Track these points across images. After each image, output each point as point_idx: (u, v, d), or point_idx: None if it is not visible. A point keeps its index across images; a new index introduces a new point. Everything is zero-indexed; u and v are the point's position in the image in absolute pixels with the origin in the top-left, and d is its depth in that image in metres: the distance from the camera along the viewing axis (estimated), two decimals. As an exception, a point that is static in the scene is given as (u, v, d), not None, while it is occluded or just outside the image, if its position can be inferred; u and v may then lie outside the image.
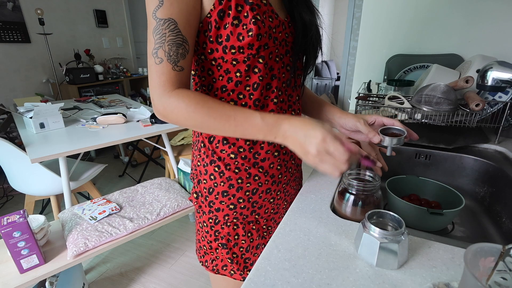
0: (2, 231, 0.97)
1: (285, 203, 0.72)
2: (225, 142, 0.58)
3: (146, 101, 3.58)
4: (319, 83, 4.51)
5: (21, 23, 2.78)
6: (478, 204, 0.84)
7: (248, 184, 0.61)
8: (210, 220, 0.65)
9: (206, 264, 0.71)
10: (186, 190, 1.62)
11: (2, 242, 1.19)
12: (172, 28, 0.46)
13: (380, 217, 0.47)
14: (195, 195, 0.66)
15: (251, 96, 0.56)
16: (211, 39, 0.51)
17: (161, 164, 2.91)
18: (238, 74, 0.53)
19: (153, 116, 1.76)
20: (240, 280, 0.68)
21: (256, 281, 0.41)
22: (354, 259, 0.45)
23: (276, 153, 0.61)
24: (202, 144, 0.61)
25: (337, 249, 0.47)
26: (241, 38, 0.49)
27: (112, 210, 1.35)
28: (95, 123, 1.74)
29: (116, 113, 1.75)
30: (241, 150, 0.59)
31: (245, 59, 0.52)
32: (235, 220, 0.64)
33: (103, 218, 1.30)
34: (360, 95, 1.07)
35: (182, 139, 2.19)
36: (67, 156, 1.69)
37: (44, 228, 1.16)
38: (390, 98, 0.99)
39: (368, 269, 0.43)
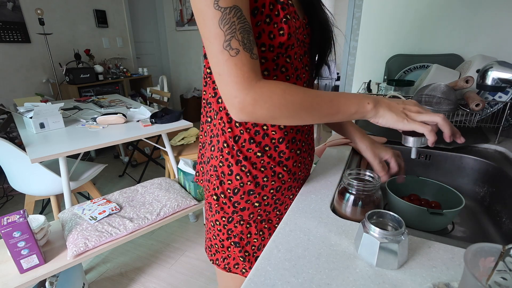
0: (2, 231, 0.97)
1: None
2: (251, 141, 0.58)
3: (146, 101, 3.58)
4: (319, 83, 4.51)
5: (21, 23, 2.78)
6: (478, 204, 0.84)
7: (273, 182, 0.62)
8: (224, 219, 0.65)
9: (217, 262, 0.71)
10: (186, 190, 1.62)
11: (2, 242, 1.19)
12: (239, 15, 0.43)
13: (380, 217, 0.47)
14: (214, 197, 0.64)
15: None
16: None
17: (161, 164, 2.91)
18: (266, 72, 0.53)
19: (153, 116, 1.76)
20: None
21: (256, 281, 0.41)
22: (354, 259, 0.45)
23: (298, 151, 0.63)
24: (224, 145, 0.60)
25: (337, 249, 0.47)
26: (272, 36, 0.49)
27: (112, 210, 1.35)
28: (95, 123, 1.74)
29: (116, 113, 1.75)
30: (267, 148, 0.59)
31: (274, 57, 0.52)
32: (255, 218, 0.64)
33: (103, 218, 1.30)
34: (360, 95, 1.07)
35: (182, 139, 2.19)
36: (67, 156, 1.69)
37: (44, 228, 1.16)
38: (390, 98, 0.99)
39: (368, 269, 0.43)
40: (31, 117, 1.56)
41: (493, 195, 0.80)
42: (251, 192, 0.61)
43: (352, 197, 0.56)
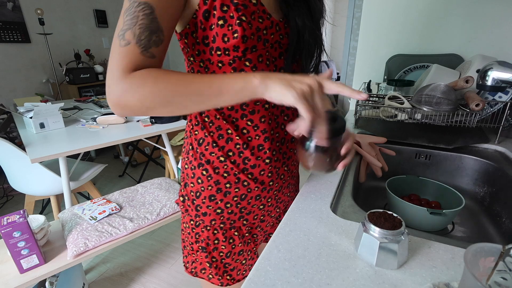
0: (2, 231, 0.97)
1: (278, 210, 0.70)
2: (214, 145, 0.57)
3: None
4: (319, 83, 4.51)
5: (21, 23, 2.78)
6: (478, 204, 0.84)
7: (237, 190, 0.59)
8: (192, 222, 0.64)
9: (188, 265, 0.70)
10: (186, 190, 1.62)
11: (2, 242, 1.19)
12: (148, 13, 0.42)
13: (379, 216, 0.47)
14: (181, 198, 0.65)
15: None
16: (197, 41, 0.50)
17: (161, 164, 2.91)
18: None
19: (153, 116, 1.76)
20: (218, 285, 0.67)
21: (256, 281, 0.41)
22: (354, 259, 0.45)
23: (267, 160, 0.59)
24: (190, 147, 0.60)
25: (337, 249, 0.47)
26: (226, 39, 0.48)
27: (112, 210, 1.35)
28: (95, 123, 1.74)
29: (116, 113, 1.75)
30: (230, 154, 0.57)
31: (231, 61, 0.50)
32: (220, 225, 0.62)
33: (103, 218, 1.30)
34: (360, 95, 1.07)
35: (182, 139, 2.19)
36: (67, 156, 1.69)
37: (44, 228, 1.16)
38: (390, 98, 0.99)
39: (368, 269, 0.43)
40: (31, 117, 1.56)
41: (493, 195, 0.80)
42: (212, 198, 0.60)
43: (313, 145, 0.47)
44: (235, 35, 0.47)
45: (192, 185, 0.61)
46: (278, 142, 0.60)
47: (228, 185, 0.59)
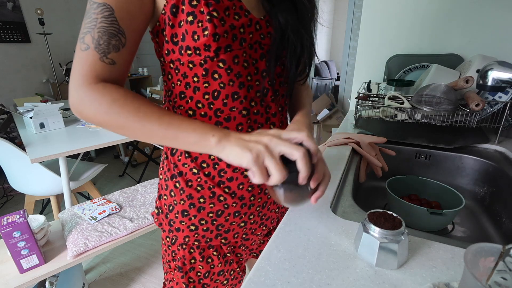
0: (2, 231, 0.97)
1: (264, 227, 0.64)
2: (187, 155, 0.52)
3: (146, 101, 3.58)
4: (319, 83, 4.51)
5: (21, 23, 2.78)
6: (478, 204, 0.84)
7: (212, 205, 0.54)
8: (168, 239, 0.60)
9: (165, 282, 0.66)
10: (186, 190, 1.62)
11: (2, 242, 1.19)
12: (107, 15, 0.39)
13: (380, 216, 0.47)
14: (156, 211, 0.61)
15: (211, 106, 0.49)
16: (166, 39, 0.46)
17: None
18: (195, 79, 0.47)
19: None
20: None
21: (256, 281, 0.41)
22: (354, 259, 0.45)
23: (246, 173, 0.53)
24: (165, 156, 0.56)
25: (337, 249, 0.47)
26: (196, 37, 0.43)
27: (112, 210, 1.35)
28: (90, 120, 1.74)
29: (116, 113, 1.75)
30: (204, 165, 0.52)
31: (202, 61, 0.46)
32: (194, 243, 0.57)
33: (103, 218, 1.30)
34: (360, 95, 1.07)
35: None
36: (67, 156, 1.69)
37: (44, 228, 1.16)
38: (390, 98, 0.99)
39: (368, 269, 0.43)
40: (31, 117, 1.56)
41: (493, 195, 0.80)
42: (185, 213, 0.54)
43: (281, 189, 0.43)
44: (205, 32, 0.42)
45: (165, 197, 0.57)
46: None
47: (202, 200, 0.54)
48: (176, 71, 0.48)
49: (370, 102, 1.07)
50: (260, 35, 0.49)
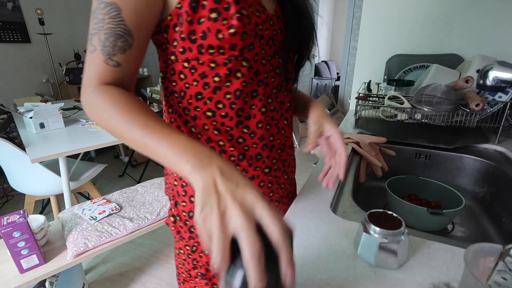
0: (2, 231, 0.97)
1: None
2: None
3: (146, 101, 3.58)
4: (319, 83, 4.51)
5: (21, 23, 2.78)
6: (478, 204, 0.84)
7: None
8: (187, 247, 0.58)
9: None
10: (186, 190, 1.62)
11: (2, 242, 1.19)
12: (114, 15, 0.38)
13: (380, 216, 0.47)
14: (172, 219, 0.58)
15: (233, 106, 0.47)
16: (182, 36, 0.42)
17: (161, 164, 2.91)
18: (216, 78, 0.45)
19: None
20: None
21: (256, 281, 0.41)
22: (354, 259, 0.45)
23: (266, 170, 0.54)
24: None
25: (337, 249, 0.47)
26: (220, 36, 0.41)
27: (112, 210, 1.35)
28: (95, 123, 1.74)
29: (116, 113, 1.75)
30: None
31: (226, 61, 0.44)
32: None
33: (103, 218, 1.30)
34: (360, 95, 1.07)
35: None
36: (67, 156, 1.69)
37: (44, 228, 1.16)
38: (390, 98, 0.99)
39: (368, 269, 0.43)
40: (31, 117, 1.56)
41: (493, 195, 0.80)
42: None
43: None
44: (231, 30, 0.40)
45: (184, 204, 0.54)
46: (279, 149, 0.56)
47: None
48: (192, 71, 0.45)
49: (370, 102, 1.07)
50: (273, 31, 0.48)
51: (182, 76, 0.46)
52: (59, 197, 1.73)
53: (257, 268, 0.25)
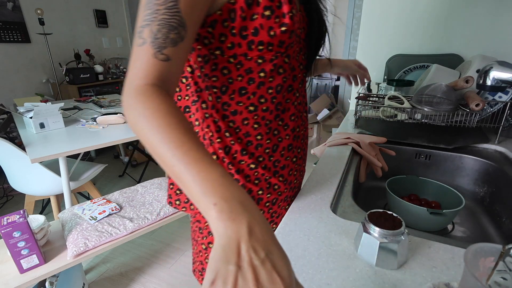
0: (2, 231, 0.97)
1: None
2: (244, 152, 0.52)
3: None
4: (319, 83, 4.51)
5: (21, 23, 2.78)
6: (478, 204, 0.84)
7: (269, 195, 0.56)
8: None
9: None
10: (186, 190, 1.62)
11: (2, 242, 1.19)
12: (170, 6, 0.35)
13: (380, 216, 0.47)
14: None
15: (273, 100, 0.50)
16: (233, 31, 0.42)
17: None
18: (262, 74, 0.47)
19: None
20: None
21: (256, 281, 0.41)
22: (354, 259, 0.45)
23: (294, 159, 0.59)
24: (213, 157, 0.50)
25: (337, 249, 0.47)
26: (272, 33, 0.42)
27: (112, 210, 1.35)
28: (95, 123, 1.74)
29: (116, 113, 1.75)
30: (261, 159, 0.54)
31: (273, 57, 0.45)
32: None
33: (103, 218, 1.30)
34: (360, 95, 1.07)
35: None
36: (67, 156, 1.69)
37: (44, 228, 1.16)
38: (390, 98, 0.99)
39: (368, 269, 0.43)
40: (31, 117, 1.56)
41: (493, 195, 0.80)
42: None
43: None
44: (283, 28, 0.42)
45: None
46: (302, 140, 0.61)
47: (260, 192, 0.55)
48: (238, 66, 0.45)
49: (370, 102, 1.07)
50: (300, 29, 0.51)
51: (225, 71, 0.46)
52: (59, 197, 1.73)
53: None
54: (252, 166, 0.53)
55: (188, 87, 0.51)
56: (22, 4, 2.77)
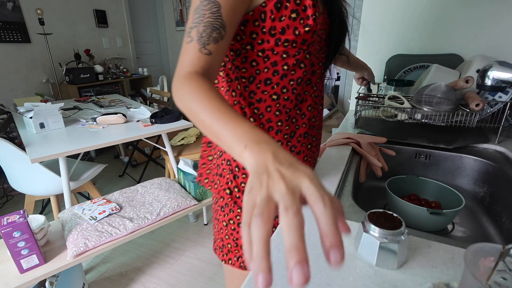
0: (2, 231, 0.97)
1: None
2: None
3: (146, 101, 3.58)
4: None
5: (21, 23, 2.78)
6: (478, 204, 0.84)
7: None
8: (238, 217, 0.65)
9: (230, 262, 0.71)
10: (186, 190, 1.62)
11: (2, 242, 1.19)
12: (214, 11, 0.44)
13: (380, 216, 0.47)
14: (228, 191, 0.64)
15: (294, 91, 0.57)
16: (263, 30, 0.50)
17: (161, 164, 2.91)
18: (285, 67, 0.54)
19: (153, 116, 1.76)
20: None
21: (256, 281, 0.41)
22: (354, 259, 0.45)
23: (309, 146, 0.65)
24: None
25: (337, 249, 0.47)
26: (297, 32, 0.49)
27: (112, 210, 1.35)
28: (95, 123, 1.74)
29: (116, 113, 1.75)
30: (280, 144, 0.59)
31: (296, 53, 0.53)
32: None
33: (103, 218, 1.30)
34: (360, 95, 1.07)
35: (182, 139, 2.19)
36: (67, 156, 1.69)
37: (44, 228, 1.16)
38: (390, 98, 0.99)
39: (368, 269, 0.43)
40: (31, 117, 1.56)
41: (493, 195, 0.80)
42: None
43: None
44: (307, 29, 0.49)
45: (243, 176, 0.62)
46: (317, 130, 0.66)
47: None
48: (265, 59, 0.53)
49: (370, 102, 1.07)
50: (321, 30, 0.56)
51: (254, 63, 0.54)
52: (59, 197, 1.73)
53: (295, 238, 0.24)
54: None
55: (222, 78, 0.59)
56: (22, 4, 2.77)
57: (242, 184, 0.62)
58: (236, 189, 0.64)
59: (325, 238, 0.25)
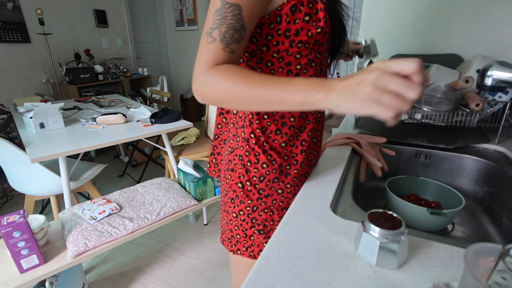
0: (2, 231, 0.97)
1: None
2: (278, 132, 0.63)
3: (146, 101, 3.58)
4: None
5: (21, 23, 2.78)
6: (478, 204, 0.84)
7: (296, 171, 0.66)
8: (248, 208, 0.69)
9: (239, 252, 0.74)
10: (186, 190, 1.62)
11: (2, 242, 1.19)
12: (236, 13, 0.46)
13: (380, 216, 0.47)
14: (240, 185, 0.67)
15: None
16: (279, 32, 0.53)
17: (161, 164, 2.91)
18: (298, 66, 0.57)
19: (153, 116, 1.76)
20: None
21: (256, 281, 0.41)
22: (354, 259, 0.45)
23: (315, 140, 0.68)
24: (251, 135, 0.64)
25: (337, 249, 0.47)
26: (309, 34, 0.53)
27: (112, 210, 1.35)
28: (95, 123, 1.74)
29: (116, 113, 1.75)
30: (291, 138, 0.64)
31: (308, 53, 0.56)
32: (279, 204, 0.68)
33: (103, 218, 1.30)
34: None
35: (182, 139, 2.19)
36: (67, 156, 1.69)
37: (44, 228, 1.16)
38: (390, 98, 0.99)
39: (368, 269, 0.43)
40: (31, 117, 1.56)
41: (493, 195, 0.80)
42: (276, 180, 0.65)
43: None
44: (318, 30, 0.52)
45: (255, 170, 0.65)
46: (322, 124, 0.70)
47: (288, 167, 0.65)
48: (280, 60, 0.56)
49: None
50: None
51: (269, 64, 0.57)
52: (59, 197, 1.73)
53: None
54: (283, 144, 0.63)
55: None
56: (22, 4, 2.77)
57: (254, 178, 0.65)
58: (248, 183, 0.66)
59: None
